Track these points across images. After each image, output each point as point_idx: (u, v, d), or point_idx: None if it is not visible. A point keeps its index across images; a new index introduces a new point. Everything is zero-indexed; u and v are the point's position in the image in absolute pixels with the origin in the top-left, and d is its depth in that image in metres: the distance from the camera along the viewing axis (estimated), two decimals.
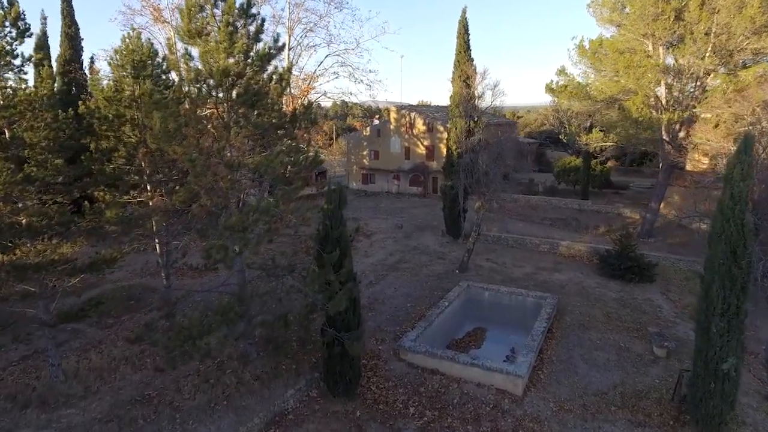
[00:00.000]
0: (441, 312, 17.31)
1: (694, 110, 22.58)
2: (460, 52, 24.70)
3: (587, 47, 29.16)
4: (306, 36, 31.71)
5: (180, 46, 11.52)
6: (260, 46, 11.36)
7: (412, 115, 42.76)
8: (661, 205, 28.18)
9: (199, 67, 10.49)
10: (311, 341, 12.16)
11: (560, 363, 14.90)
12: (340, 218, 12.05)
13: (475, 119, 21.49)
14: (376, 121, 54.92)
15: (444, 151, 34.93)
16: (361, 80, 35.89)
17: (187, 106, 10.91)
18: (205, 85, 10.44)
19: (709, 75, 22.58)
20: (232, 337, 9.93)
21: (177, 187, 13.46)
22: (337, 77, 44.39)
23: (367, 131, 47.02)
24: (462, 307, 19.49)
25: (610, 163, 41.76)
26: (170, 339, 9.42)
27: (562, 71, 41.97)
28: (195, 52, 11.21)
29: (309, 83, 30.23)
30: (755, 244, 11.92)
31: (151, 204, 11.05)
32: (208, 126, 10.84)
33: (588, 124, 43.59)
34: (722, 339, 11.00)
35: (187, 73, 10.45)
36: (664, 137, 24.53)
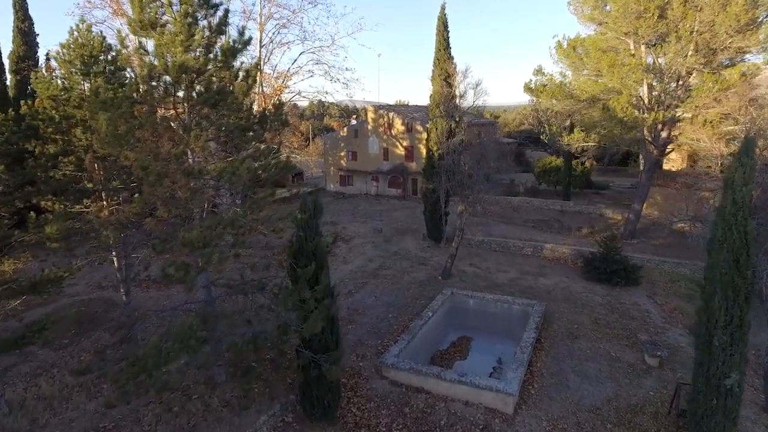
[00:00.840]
0: (425, 323, 16.40)
1: (677, 110, 22.22)
2: (440, 49, 23.83)
3: (568, 45, 28.76)
4: (279, 32, 30.37)
5: (133, 39, 10.28)
6: (225, 39, 10.23)
7: (391, 114, 41.82)
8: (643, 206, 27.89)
9: (154, 62, 9.31)
10: (285, 363, 11.07)
11: (551, 376, 14.14)
12: (316, 228, 11.02)
13: (457, 119, 20.66)
14: (354, 121, 53.77)
15: (423, 151, 34.15)
16: (337, 79, 34.83)
17: (144, 107, 9.72)
18: (161, 83, 9.27)
19: (692, 74, 22.24)
20: (194, 366, 8.80)
21: (135, 195, 12.19)
22: (312, 76, 43.24)
23: (345, 131, 45.89)
24: (446, 315, 18.64)
25: (587, 163, 41.58)
26: (122, 371, 8.24)
27: (539, 71, 41.68)
28: (151, 45, 10.06)
29: (283, 82, 28.99)
30: (759, 253, 11.32)
31: (106, 213, 9.84)
32: (168, 128, 9.66)
33: (567, 124, 43.29)
34: (725, 353, 10.37)
35: (140, 69, 9.27)
36: (647, 137, 24.16)
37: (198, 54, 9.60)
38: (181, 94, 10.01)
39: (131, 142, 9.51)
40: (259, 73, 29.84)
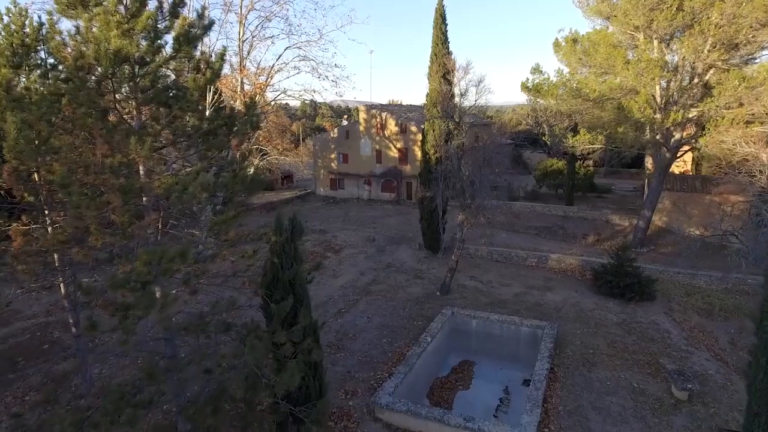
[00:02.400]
0: (423, 350, 14.52)
1: (695, 109, 20.51)
2: (437, 44, 21.98)
3: (566, 41, 27.16)
4: (262, 26, 28.26)
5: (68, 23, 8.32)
6: (179, 23, 8.28)
7: (384, 115, 39.89)
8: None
9: (85, 49, 7.36)
10: (257, 419, 9.14)
11: (569, 416, 12.32)
12: (294, 253, 9.11)
13: (457, 120, 18.81)
14: (345, 122, 51.74)
15: (418, 154, 32.30)
16: (326, 76, 32.65)
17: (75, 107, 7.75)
18: (92, 76, 7.33)
19: (710, 71, 20.56)
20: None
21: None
22: (298, 73, 40.83)
23: (335, 132, 43.90)
24: (446, 338, 16.80)
25: (586, 164, 39.92)
26: None
27: (536, 69, 39.67)
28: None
29: (267, 79, 26.93)
30: None
31: (19, 242, 7.95)
32: (107, 133, 7.72)
33: (566, 124, 41.56)
34: None
35: (66, 59, 7.33)
36: (659, 139, 22.47)
37: (143, 40, 7.66)
38: (124, 89, 8.08)
39: (63, 150, 7.57)
40: (240, 70, 28.03)
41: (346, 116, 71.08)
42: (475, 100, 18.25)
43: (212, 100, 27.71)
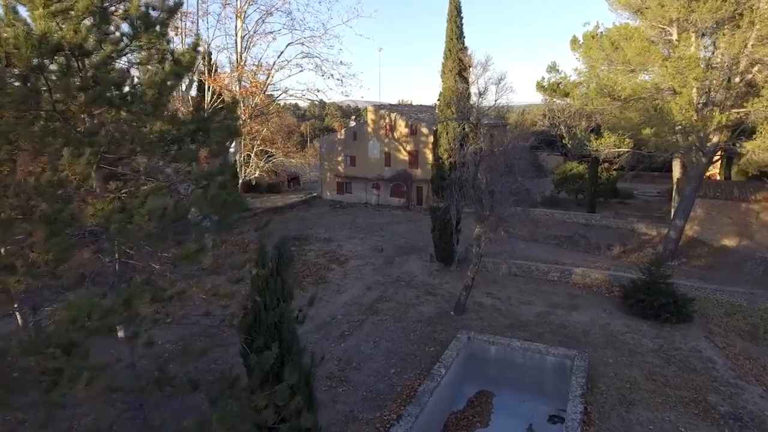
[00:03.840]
0: (436, 386, 12.75)
1: (739, 110, 18.51)
2: (452, 38, 20.09)
3: (585, 37, 25.38)
4: (263, 21, 26.56)
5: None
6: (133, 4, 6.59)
7: (393, 115, 38.07)
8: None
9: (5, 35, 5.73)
10: None
11: None
12: (282, 289, 7.39)
13: (474, 122, 16.99)
14: (353, 122, 50.01)
15: (429, 156, 30.56)
16: (331, 74, 30.75)
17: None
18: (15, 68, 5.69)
19: (754, 67, 18.55)
20: None
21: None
22: (301, 70, 38.54)
23: (342, 134, 42.17)
24: (462, 366, 15.04)
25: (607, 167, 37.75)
26: None
27: (553, 67, 37.42)
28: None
29: (268, 78, 25.29)
30: None
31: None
32: (39, 141, 6.09)
33: (584, 125, 39.42)
34: None
35: None
36: (695, 143, 20.47)
37: (84, 24, 5.99)
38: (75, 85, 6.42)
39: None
40: (237, 68, 26.46)
41: (354, 116, 69.33)
42: (495, 100, 16.42)
43: (211, 100, 25.84)
